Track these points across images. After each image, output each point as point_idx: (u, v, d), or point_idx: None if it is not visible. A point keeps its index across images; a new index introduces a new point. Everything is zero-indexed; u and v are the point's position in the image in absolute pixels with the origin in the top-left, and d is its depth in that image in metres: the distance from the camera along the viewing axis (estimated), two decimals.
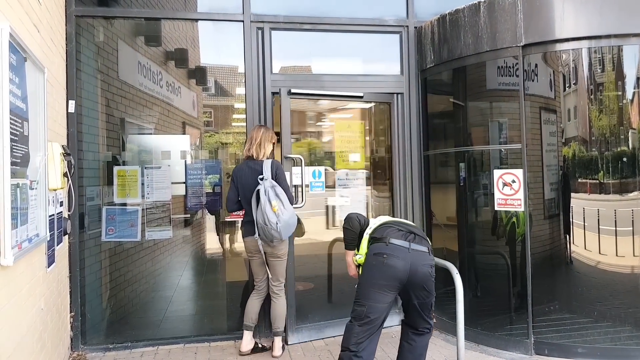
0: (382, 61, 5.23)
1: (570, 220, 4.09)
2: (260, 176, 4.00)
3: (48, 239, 3.22)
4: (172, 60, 5.22)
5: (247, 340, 4.20)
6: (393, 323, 4.65)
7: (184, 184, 4.78)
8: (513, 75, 4.21)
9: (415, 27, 4.94)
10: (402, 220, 3.34)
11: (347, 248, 3.36)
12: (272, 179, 4.01)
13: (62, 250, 3.94)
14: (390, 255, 2.94)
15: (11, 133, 2.40)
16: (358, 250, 3.24)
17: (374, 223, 3.23)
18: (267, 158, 4.16)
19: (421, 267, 2.97)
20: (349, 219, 3.32)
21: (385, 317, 3.06)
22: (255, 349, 4.23)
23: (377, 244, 3.05)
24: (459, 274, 3.69)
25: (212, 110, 5.57)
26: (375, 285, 2.97)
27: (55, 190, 3.42)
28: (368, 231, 3.20)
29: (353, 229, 3.26)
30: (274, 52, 4.75)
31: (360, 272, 3.18)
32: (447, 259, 4.08)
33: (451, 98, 4.86)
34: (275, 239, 3.96)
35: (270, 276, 4.19)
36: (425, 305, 3.12)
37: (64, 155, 3.59)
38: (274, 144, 4.27)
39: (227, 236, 5.25)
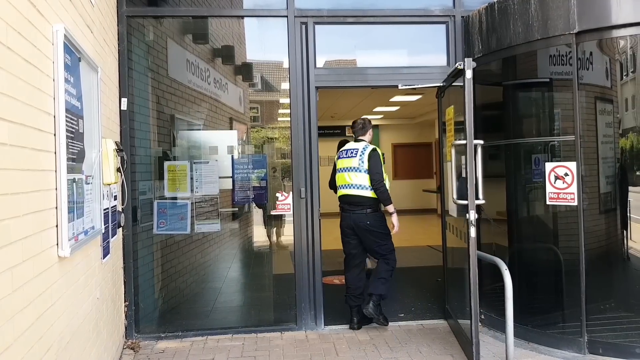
0: (428, 53, 5.14)
1: (628, 215, 3.89)
2: None
3: (103, 231, 3.37)
4: (219, 57, 5.33)
5: None
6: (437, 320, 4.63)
7: (231, 179, 4.89)
8: (566, 64, 4.03)
9: (462, 17, 4.81)
10: (347, 192, 4.66)
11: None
12: None
13: (117, 242, 4.11)
14: (344, 220, 4.69)
15: (67, 130, 2.52)
16: None
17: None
18: None
19: (359, 222, 4.58)
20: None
21: (358, 255, 4.71)
22: None
23: (342, 212, 4.75)
24: (508, 270, 3.61)
25: (259, 106, 5.65)
26: (344, 235, 4.73)
27: (109, 184, 3.56)
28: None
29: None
30: (317, 47, 4.75)
31: None
32: (497, 254, 3.98)
33: (500, 89, 4.71)
34: None
35: None
36: (372, 250, 4.70)
37: (117, 151, 3.73)
38: None
39: (274, 229, 5.34)
